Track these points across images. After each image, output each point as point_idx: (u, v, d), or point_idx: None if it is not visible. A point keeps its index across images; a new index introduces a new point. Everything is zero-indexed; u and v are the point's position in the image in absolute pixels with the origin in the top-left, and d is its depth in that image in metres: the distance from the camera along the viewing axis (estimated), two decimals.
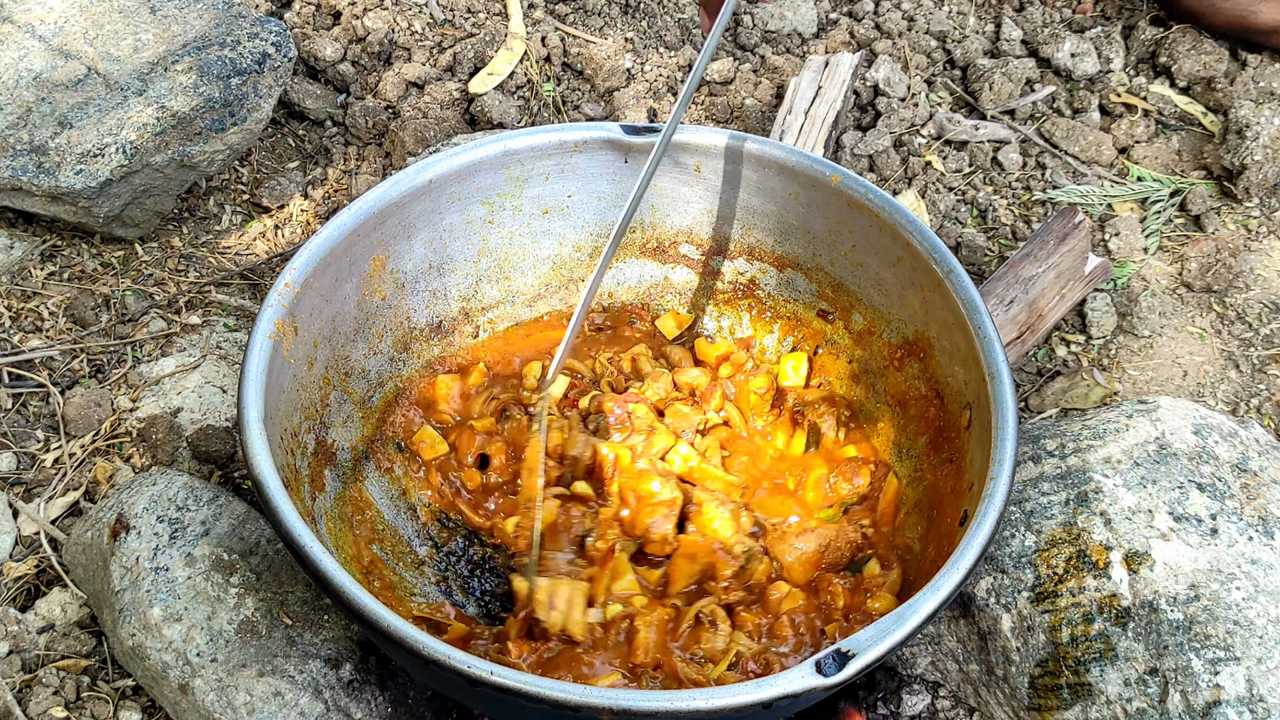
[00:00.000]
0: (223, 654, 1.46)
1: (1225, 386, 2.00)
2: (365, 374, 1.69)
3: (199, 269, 2.10)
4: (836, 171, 1.66)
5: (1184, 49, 2.46)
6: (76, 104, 1.98)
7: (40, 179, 1.91)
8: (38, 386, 1.87)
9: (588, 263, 1.86)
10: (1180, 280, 2.15)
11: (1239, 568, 1.47)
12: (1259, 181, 2.23)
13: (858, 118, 2.39)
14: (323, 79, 2.40)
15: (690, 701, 1.16)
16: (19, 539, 1.71)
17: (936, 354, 1.61)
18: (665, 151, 1.72)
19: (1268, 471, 1.58)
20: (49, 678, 1.54)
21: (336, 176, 2.28)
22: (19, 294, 1.99)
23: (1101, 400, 1.96)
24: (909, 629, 1.22)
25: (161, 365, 1.91)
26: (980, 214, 2.27)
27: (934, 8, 2.60)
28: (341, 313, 1.63)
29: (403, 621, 1.21)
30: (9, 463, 1.78)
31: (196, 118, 2.01)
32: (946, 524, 1.50)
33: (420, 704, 1.53)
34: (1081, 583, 1.49)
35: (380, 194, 1.61)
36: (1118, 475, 1.56)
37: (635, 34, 2.47)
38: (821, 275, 1.77)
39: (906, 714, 1.59)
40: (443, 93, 2.31)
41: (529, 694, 1.16)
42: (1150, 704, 1.42)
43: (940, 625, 1.60)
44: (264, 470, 1.31)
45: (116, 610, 1.50)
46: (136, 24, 2.10)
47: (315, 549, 1.25)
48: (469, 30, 2.44)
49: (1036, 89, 2.45)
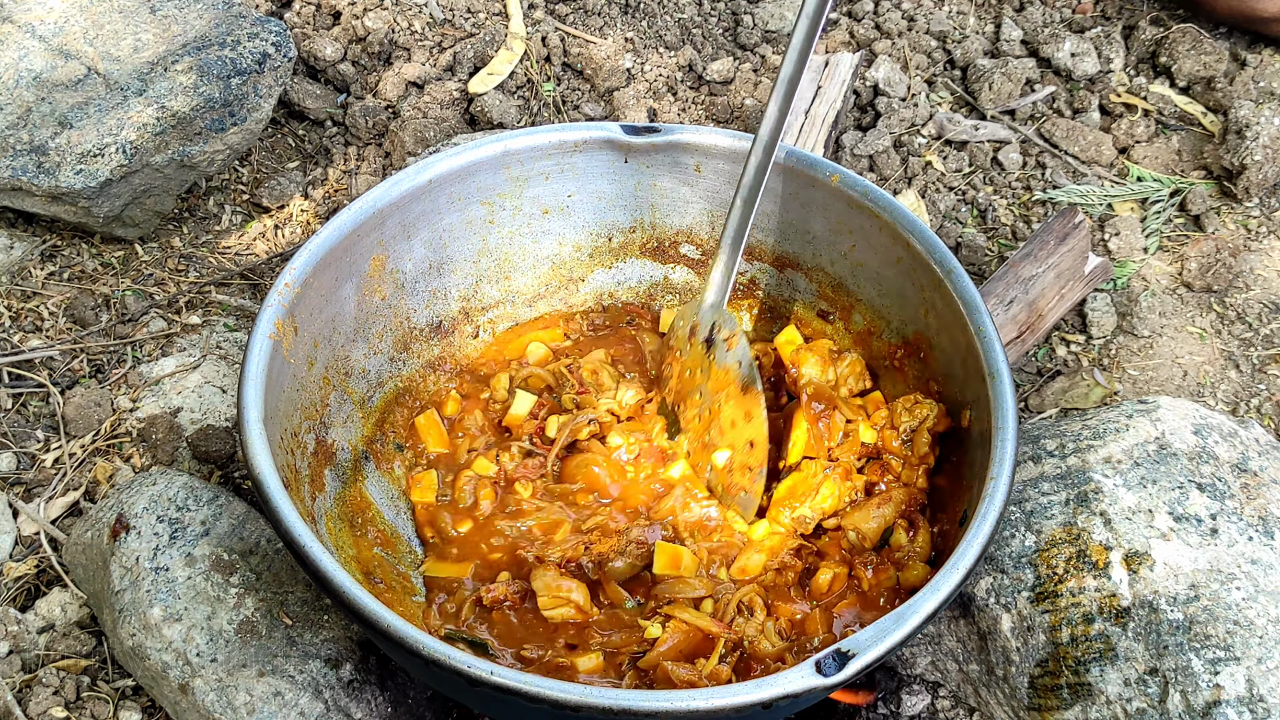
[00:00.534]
0: (223, 654, 1.46)
1: (1225, 386, 2.00)
2: (365, 374, 1.69)
3: (199, 269, 2.10)
4: (836, 171, 1.66)
5: (1184, 49, 2.45)
6: (76, 104, 1.98)
7: (40, 179, 1.91)
8: (38, 386, 1.87)
9: (587, 262, 1.86)
10: (1180, 280, 2.15)
11: (1239, 568, 1.47)
12: (1259, 181, 2.23)
13: (858, 118, 2.39)
14: (323, 79, 2.40)
15: (690, 701, 1.16)
16: (19, 539, 1.71)
17: (936, 354, 1.61)
18: (667, 152, 1.73)
19: (1268, 471, 1.58)
20: (49, 678, 1.54)
21: (336, 176, 2.28)
22: (19, 294, 1.99)
23: (1101, 400, 1.96)
24: (909, 629, 1.22)
25: (161, 365, 1.91)
26: (980, 214, 2.27)
27: (934, 8, 2.60)
28: (341, 313, 1.63)
29: (403, 621, 1.21)
30: (9, 463, 1.78)
31: (196, 118, 2.01)
32: (946, 524, 1.51)
33: (420, 704, 1.53)
34: (1081, 583, 1.49)
35: (380, 194, 1.61)
36: (1118, 475, 1.56)
37: (635, 34, 2.47)
38: (821, 275, 1.77)
39: (906, 714, 1.59)
40: (443, 93, 2.31)
41: (529, 694, 1.16)
42: (1150, 704, 1.42)
43: (940, 625, 1.60)
44: (264, 470, 1.31)
45: (116, 610, 1.50)
46: (136, 24, 2.10)
47: (315, 549, 1.25)
48: (469, 30, 2.44)
49: (1036, 89, 2.45)
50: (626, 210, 1.82)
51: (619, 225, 1.84)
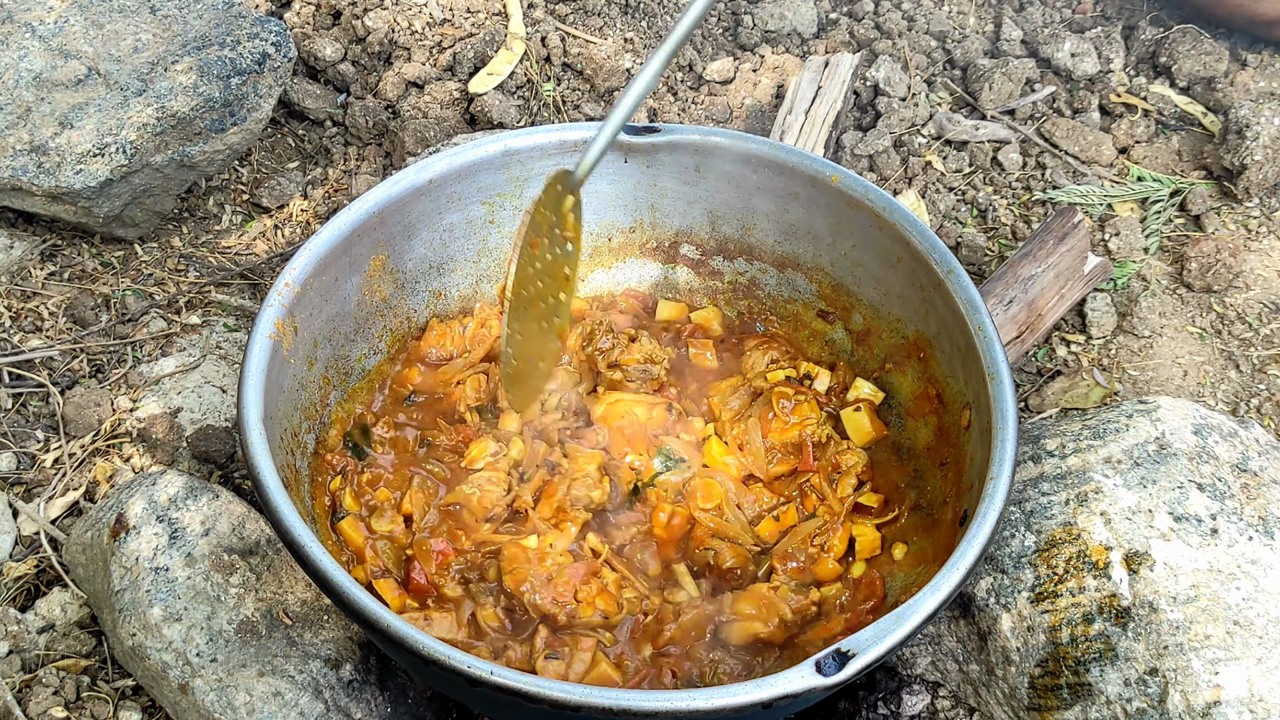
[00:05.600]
0: (223, 654, 1.46)
1: (1225, 386, 2.00)
2: (365, 374, 1.69)
3: (199, 269, 2.10)
4: (836, 171, 1.66)
5: (1184, 49, 2.46)
6: (76, 104, 1.98)
7: (40, 179, 1.91)
8: (38, 386, 1.87)
9: (587, 263, 1.86)
10: (1180, 280, 2.15)
11: (1239, 568, 1.47)
12: (1259, 181, 2.23)
13: (858, 118, 2.39)
14: (323, 79, 2.40)
15: (690, 701, 1.16)
16: (19, 539, 1.71)
17: (936, 354, 1.61)
18: (667, 152, 1.73)
19: (1268, 471, 1.58)
20: (49, 678, 1.54)
21: (336, 176, 2.28)
22: (19, 294, 1.99)
23: (1101, 400, 1.96)
24: (909, 629, 1.22)
25: (161, 365, 1.91)
26: (980, 214, 2.27)
27: (934, 8, 2.60)
28: (341, 312, 1.63)
29: (403, 621, 1.21)
30: (9, 463, 1.78)
31: (196, 118, 2.01)
32: (946, 524, 1.51)
33: (420, 704, 1.53)
34: (1081, 583, 1.49)
35: (380, 194, 1.61)
36: (1118, 475, 1.56)
37: (635, 34, 2.47)
38: (821, 275, 1.77)
39: (906, 714, 1.59)
40: (443, 93, 2.31)
41: (529, 694, 1.16)
42: (1150, 704, 1.42)
43: (940, 625, 1.60)
44: (264, 470, 1.31)
45: (116, 610, 1.50)
46: (136, 24, 2.10)
47: (315, 549, 1.25)
48: (469, 30, 2.44)
49: (1036, 89, 2.45)
50: (626, 210, 1.82)
51: (619, 225, 1.84)
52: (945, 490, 1.56)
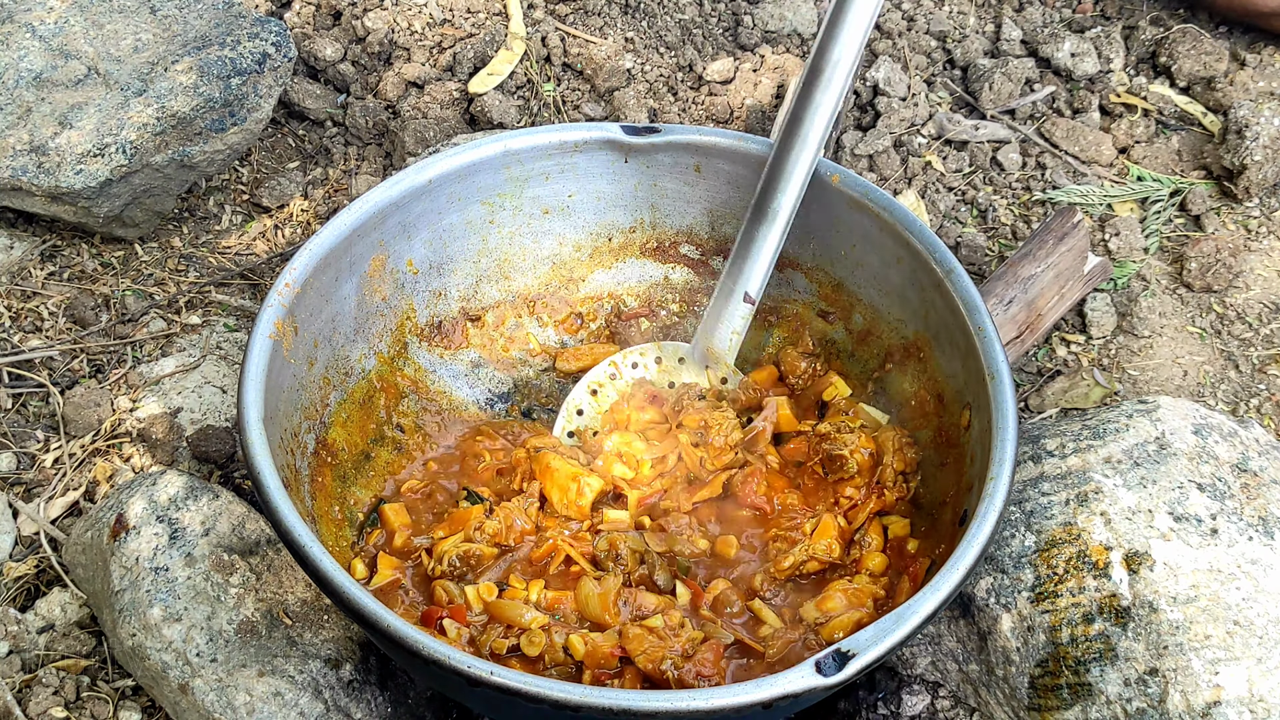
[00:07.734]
0: (223, 654, 1.46)
1: (1225, 386, 2.00)
2: (365, 374, 1.69)
3: (199, 269, 2.10)
4: (836, 171, 1.66)
5: (1184, 49, 2.45)
6: (76, 104, 1.98)
7: (40, 179, 1.91)
8: (38, 386, 1.87)
9: (588, 263, 1.86)
10: (1180, 280, 2.15)
11: (1239, 568, 1.47)
12: (1259, 181, 2.23)
13: (858, 118, 2.39)
14: (323, 79, 2.40)
15: (690, 701, 1.16)
16: (19, 539, 1.71)
17: (936, 354, 1.61)
18: (667, 152, 1.73)
19: (1268, 471, 1.58)
20: (49, 678, 1.54)
21: (336, 176, 2.28)
22: (19, 294, 1.99)
23: (1101, 400, 1.96)
24: (909, 629, 1.22)
25: (161, 365, 1.91)
26: (980, 214, 2.27)
27: (934, 8, 2.60)
28: (341, 312, 1.63)
29: (403, 621, 1.21)
30: (9, 463, 1.78)
31: (196, 118, 2.01)
32: (946, 524, 1.51)
33: (420, 704, 1.53)
34: (1081, 583, 1.49)
35: (380, 194, 1.62)
36: (1118, 475, 1.56)
37: (635, 34, 2.47)
38: (821, 275, 1.77)
39: (906, 714, 1.59)
40: (443, 93, 2.31)
41: (529, 694, 1.16)
42: (1150, 704, 1.42)
43: (940, 625, 1.60)
44: (264, 470, 1.31)
45: (116, 610, 1.50)
46: (136, 24, 2.10)
47: (315, 549, 1.25)
48: (469, 30, 2.44)
49: (1036, 89, 2.45)
50: (626, 210, 1.82)
51: (619, 225, 1.84)
52: (945, 490, 1.56)
